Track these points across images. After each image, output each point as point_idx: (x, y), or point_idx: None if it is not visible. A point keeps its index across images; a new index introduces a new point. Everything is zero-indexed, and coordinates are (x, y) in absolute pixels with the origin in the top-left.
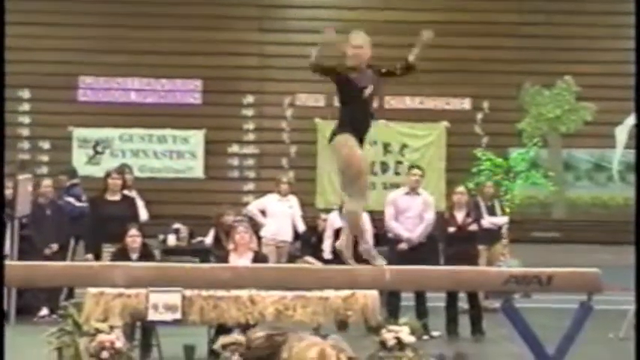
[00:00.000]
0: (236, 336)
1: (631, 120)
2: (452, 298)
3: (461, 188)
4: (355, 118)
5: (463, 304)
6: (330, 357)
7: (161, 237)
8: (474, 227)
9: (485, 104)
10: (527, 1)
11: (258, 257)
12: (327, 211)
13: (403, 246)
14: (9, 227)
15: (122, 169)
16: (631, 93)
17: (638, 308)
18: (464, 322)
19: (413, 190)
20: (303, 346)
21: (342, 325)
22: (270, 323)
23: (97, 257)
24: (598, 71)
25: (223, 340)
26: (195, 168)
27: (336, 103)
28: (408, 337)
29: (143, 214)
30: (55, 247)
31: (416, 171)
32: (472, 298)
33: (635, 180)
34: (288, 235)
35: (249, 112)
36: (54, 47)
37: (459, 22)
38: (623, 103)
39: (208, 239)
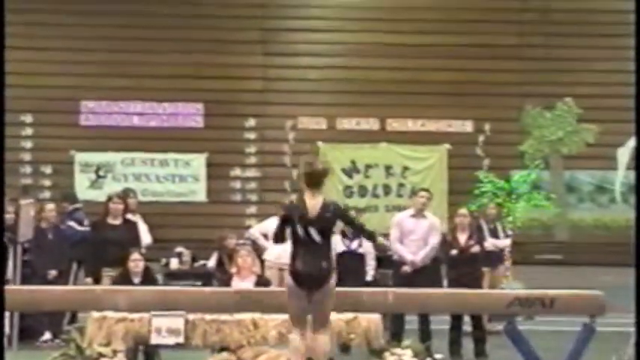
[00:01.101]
0: (226, 355)
1: (633, 142)
2: (456, 320)
3: (463, 210)
4: None
5: (466, 327)
6: None
7: (164, 261)
8: (475, 249)
9: (487, 126)
10: (528, 24)
11: (261, 281)
12: None
13: (407, 269)
14: (11, 252)
15: (126, 194)
16: (633, 115)
17: (638, 330)
18: (467, 345)
19: (419, 213)
20: (271, 357)
21: (345, 348)
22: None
23: (97, 281)
24: (599, 93)
25: (213, 359)
26: (198, 191)
27: (338, 125)
28: None
29: (147, 238)
30: (54, 272)
31: (423, 193)
32: (476, 320)
33: (635, 201)
34: None
35: (252, 136)
36: (56, 72)
37: (460, 45)
38: (624, 124)
39: (211, 263)
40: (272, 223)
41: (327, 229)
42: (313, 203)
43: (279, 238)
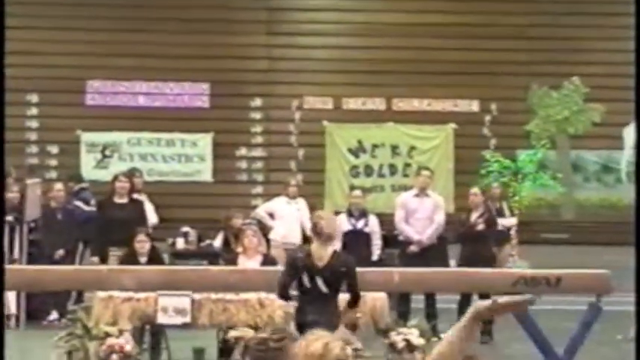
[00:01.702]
0: (245, 329)
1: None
2: (464, 299)
3: (475, 189)
4: None
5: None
6: (334, 349)
7: (170, 240)
8: (480, 227)
9: (493, 106)
10: (535, 3)
11: (267, 260)
12: (336, 213)
13: (414, 248)
14: (17, 231)
15: (132, 173)
16: (634, 98)
17: (637, 310)
18: None
19: (422, 192)
20: (309, 340)
21: (352, 328)
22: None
23: (103, 260)
24: (606, 72)
25: (234, 332)
26: (204, 171)
27: (344, 105)
28: (417, 340)
29: (153, 218)
30: (61, 252)
31: (425, 172)
32: (484, 299)
33: (635, 180)
34: (296, 238)
35: (257, 115)
36: (62, 51)
37: (466, 24)
38: (631, 104)
39: (217, 242)
40: (278, 203)
41: (335, 280)
42: (321, 253)
43: (283, 292)
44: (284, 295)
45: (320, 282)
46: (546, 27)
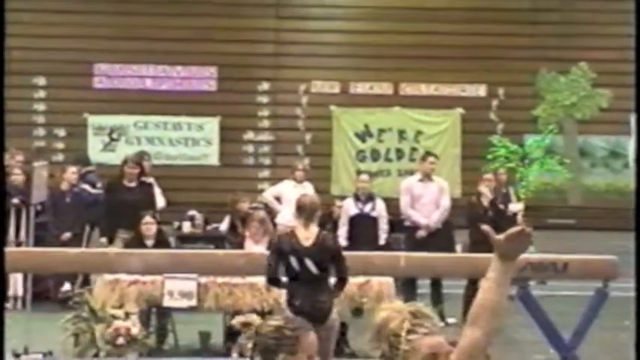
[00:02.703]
0: (252, 316)
1: None
2: (471, 284)
3: (489, 175)
4: None
5: None
6: (391, 321)
7: (176, 224)
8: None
9: (501, 91)
10: None
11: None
12: (342, 198)
13: (422, 233)
14: (24, 214)
15: (141, 157)
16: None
17: (637, 296)
18: None
19: (427, 177)
20: (380, 309)
21: (357, 312)
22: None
23: (112, 242)
24: (614, 57)
25: (239, 318)
26: (211, 155)
27: (351, 89)
28: None
29: (160, 201)
30: (68, 234)
31: (432, 159)
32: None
33: (635, 168)
34: None
35: (265, 99)
36: (69, 34)
37: (474, 8)
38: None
39: (223, 226)
40: (285, 187)
41: (324, 260)
42: (306, 234)
43: (274, 279)
44: (273, 281)
45: (309, 263)
46: (554, 12)
